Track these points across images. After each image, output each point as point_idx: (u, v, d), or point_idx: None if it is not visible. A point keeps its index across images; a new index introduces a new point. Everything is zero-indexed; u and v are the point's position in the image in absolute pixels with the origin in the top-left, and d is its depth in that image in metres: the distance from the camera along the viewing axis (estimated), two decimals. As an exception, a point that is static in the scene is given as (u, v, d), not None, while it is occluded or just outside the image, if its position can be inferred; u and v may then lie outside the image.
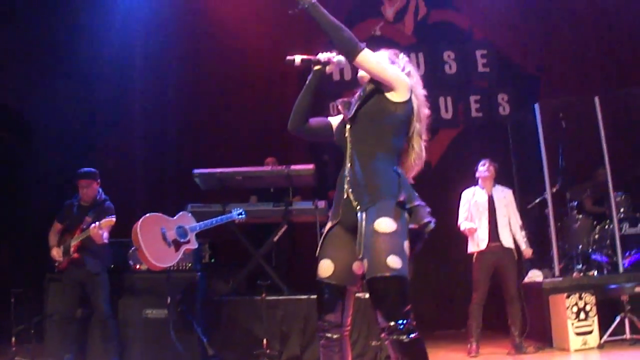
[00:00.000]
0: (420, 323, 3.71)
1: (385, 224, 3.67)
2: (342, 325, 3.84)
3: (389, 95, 3.90)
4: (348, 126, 3.96)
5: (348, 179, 3.87)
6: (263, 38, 10.86)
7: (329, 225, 3.96)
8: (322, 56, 4.06)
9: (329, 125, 4.19)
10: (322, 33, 3.84)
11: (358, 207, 3.78)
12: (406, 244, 3.70)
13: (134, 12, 10.44)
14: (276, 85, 10.93)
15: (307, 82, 4.08)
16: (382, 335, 3.63)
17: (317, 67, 4.06)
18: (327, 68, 4.08)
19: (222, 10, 10.83)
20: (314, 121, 4.15)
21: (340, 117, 4.14)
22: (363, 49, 3.82)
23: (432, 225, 3.85)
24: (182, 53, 10.19)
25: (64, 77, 9.94)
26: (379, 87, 3.93)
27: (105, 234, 7.37)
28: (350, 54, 3.83)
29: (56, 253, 7.46)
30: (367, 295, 6.99)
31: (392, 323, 3.56)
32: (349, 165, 3.90)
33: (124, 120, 10.36)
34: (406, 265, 3.64)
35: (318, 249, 3.92)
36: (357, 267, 3.82)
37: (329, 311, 3.83)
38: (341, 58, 4.04)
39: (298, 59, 4.08)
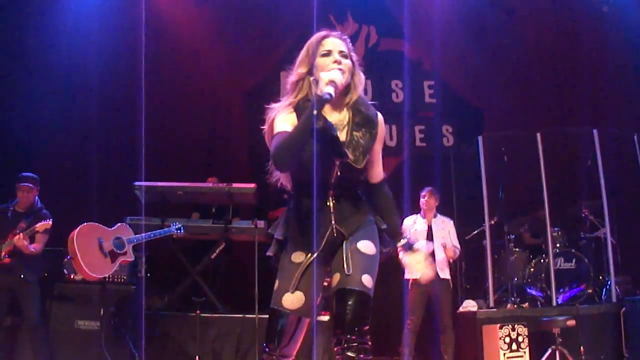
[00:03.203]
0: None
1: (369, 246, 3.72)
2: (289, 356, 3.78)
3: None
4: (337, 162, 3.70)
5: (334, 214, 3.75)
6: (217, 57, 10.83)
7: (301, 256, 3.77)
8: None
9: None
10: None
11: (347, 236, 3.75)
12: (376, 270, 3.75)
13: (85, 18, 10.29)
14: (223, 104, 10.87)
15: (314, 121, 3.54)
16: (336, 349, 3.56)
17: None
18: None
19: (180, 27, 10.80)
20: None
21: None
22: None
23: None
24: (130, 66, 10.07)
25: (8, 83, 9.75)
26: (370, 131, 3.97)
27: (39, 246, 7.26)
28: None
29: None
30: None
31: (349, 337, 3.51)
32: (331, 199, 3.76)
33: (65, 127, 10.19)
34: (372, 290, 3.66)
35: (294, 280, 3.71)
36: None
37: (280, 342, 3.72)
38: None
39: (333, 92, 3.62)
